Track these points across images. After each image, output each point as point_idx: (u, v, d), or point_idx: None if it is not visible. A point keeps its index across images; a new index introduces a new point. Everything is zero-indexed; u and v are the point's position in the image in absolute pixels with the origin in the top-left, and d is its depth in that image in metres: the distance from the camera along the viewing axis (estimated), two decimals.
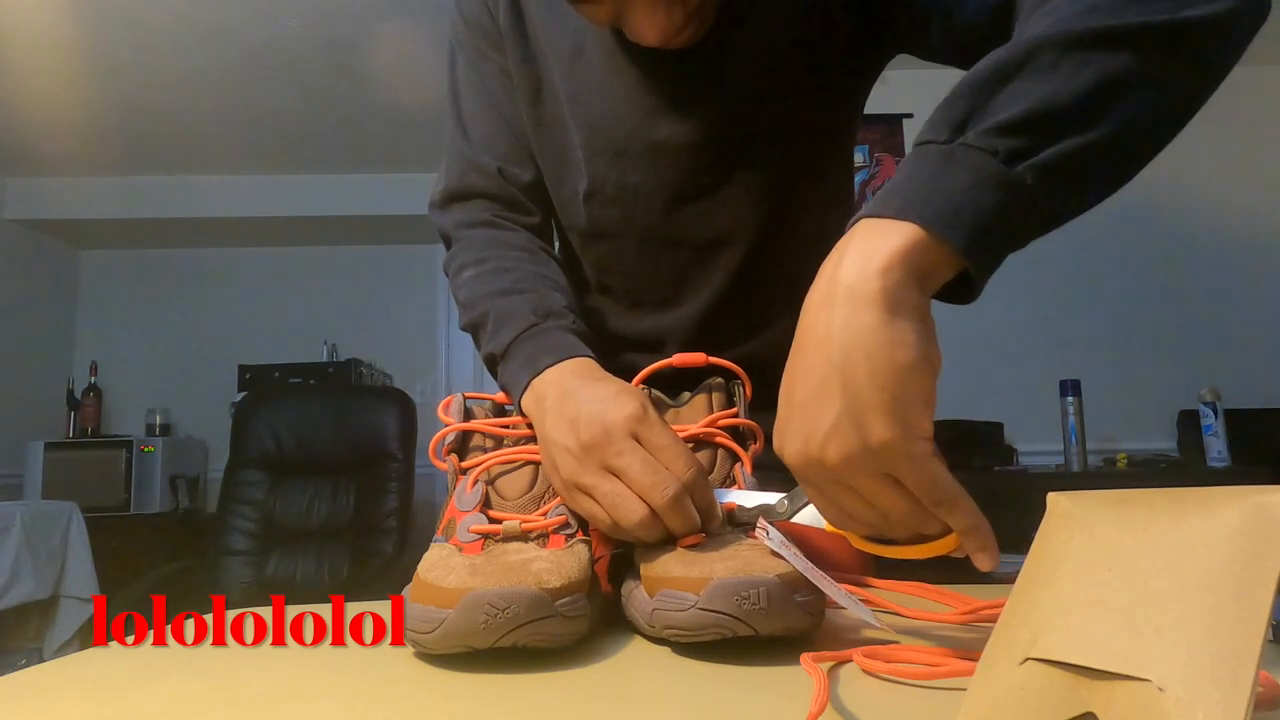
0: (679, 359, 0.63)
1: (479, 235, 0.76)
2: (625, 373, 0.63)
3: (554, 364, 0.61)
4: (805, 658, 0.39)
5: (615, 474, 0.52)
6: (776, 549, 0.48)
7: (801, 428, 0.42)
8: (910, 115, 3.07)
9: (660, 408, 0.61)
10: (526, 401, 0.61)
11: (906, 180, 0.43)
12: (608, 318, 0.81)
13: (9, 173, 3.62)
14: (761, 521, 0.52)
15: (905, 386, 0.40)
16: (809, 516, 0.51)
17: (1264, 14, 0.46)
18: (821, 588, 0.46)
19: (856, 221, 0.44)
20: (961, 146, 0.42)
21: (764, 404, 0.65)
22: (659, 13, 0.60)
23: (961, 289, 0.44)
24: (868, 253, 0.41)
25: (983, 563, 0.43)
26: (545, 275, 0.72)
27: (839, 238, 0.80)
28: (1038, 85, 0.42)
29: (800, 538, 0.52)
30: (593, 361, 0.62)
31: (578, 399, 0.56)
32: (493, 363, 0.67)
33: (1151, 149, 0.45)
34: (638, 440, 0.52)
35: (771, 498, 0.54)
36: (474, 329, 0.70)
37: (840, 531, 0.48)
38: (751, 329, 0.76)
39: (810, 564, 0.47)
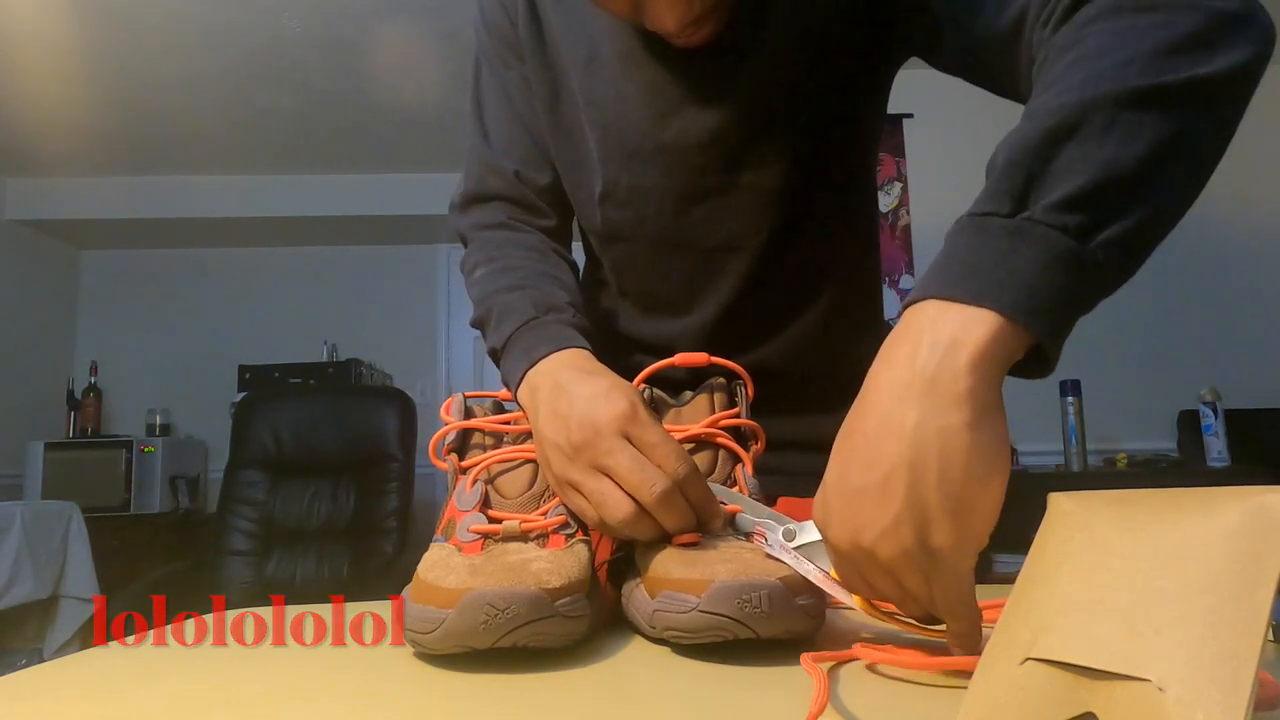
0: (680, 359, 0.63)
1: (492, 236, 0.78)
2: (635, 373, 0.63)
3: (549, 354, 0.61)
4: (805, 658, 0.39)
5: (605, 473, 0.52)
6: (775, 554, 0.48)
7: (855, 517, 0.41)
8: (910, 115, 3.07)
9: (661, 407, 0.61)
10: (522, 393, 0.62)
11: (974, 258, 0.41)
12: (625, 320, 0.82)
13: (9, 173, 3.63)
14: (760, 527, 0.52)
15: (975, 497, 0.39)
16: (814, 553, 0.51)
17: (1274, 47, 0.46)
18: (824, 588, 0.46)
19: (920, 299, 0.42)
20: (1028, 222, 0.40)
21: (769, 408, 0.66)
22: None
23: (1029, 363, 0.42)
24: (950, 343, 0.39)
25: (959, 654, 0.43)
26: (551, 274, 0.73)
27: (857, 246, 0.79)
28: (1097, 150, 0.41)
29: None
30: (588, 353, 0.63)
31: (570, 395, 0.56)
32: (496, 357, 0.68)
33: (1194, 199, 0.45)
34: (629, 439, 0.53)
35: (777, 519, 0.53)
36: (481, 325, 0.71)
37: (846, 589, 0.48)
38: (760, 337, 0.77)
39: (811, 566, 0.47)
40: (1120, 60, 0.43)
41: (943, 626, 0.44)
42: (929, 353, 0.40)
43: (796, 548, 0.51)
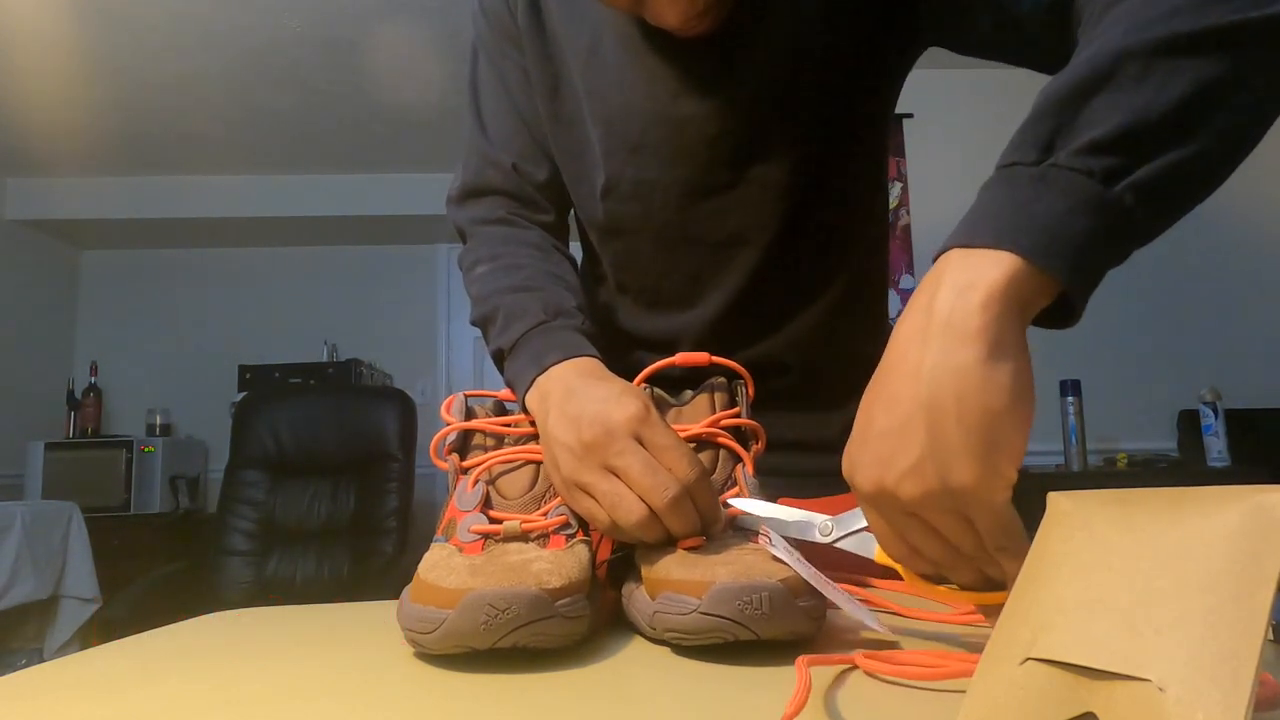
0: (682, 358, 0.63)
1: (493, 232, 0.77)
2: (635, 371, 0.62)
3: (560, 361, 0.61)
4: (800, 661, 0.39)
5: (616, 474, 0.52)
6: (780, 555, 0.48)
7: (879, 459, 0.41)
8: (910, 115, 3.07)
9: (662, 407, 0.61)
10: (531, 398, 0.61)
11: (997, 206, 0.41)
12: (624, 316, 0.81)
13: (9, 173, 3.63)
14: (764, 526, 0.52)
15: (995, 432, 0.38)
16: (854, 544, 0.51)
17: None
18: (824, 592, 0.46)
19: (945, 250, 0.42)
20: (1053, 168, 0.40)
21: (771, 405, 0.66)
22: None
23: (1058, 312, 0.41)
24: (965, 285, 0.39)
25: None
26: (556, 274, 0.72)
27: (865, 244, 0.78)
28: (1127, 98, 0.40)
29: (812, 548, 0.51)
30: (598, 361, 0.62)
31: (581, 398, 0.55)
32: (500, 358, 0.67)
33: (1246, 152, 0.43)
34: (640, 441, 0.52)
35: (810, 518, 0.53)
36: (484, 324, 0.70)
37: (894, 565, 0.47)
38: (765, 331, 0.76)
39: (813, 569, 0.47)
40: (1166, 10, 0.41)
41: (999, 593, 0.43)
42: (945, 295, 0.40)
43: (836, 540, 0.51)
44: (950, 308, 0.39)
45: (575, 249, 0.80)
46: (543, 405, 0.59)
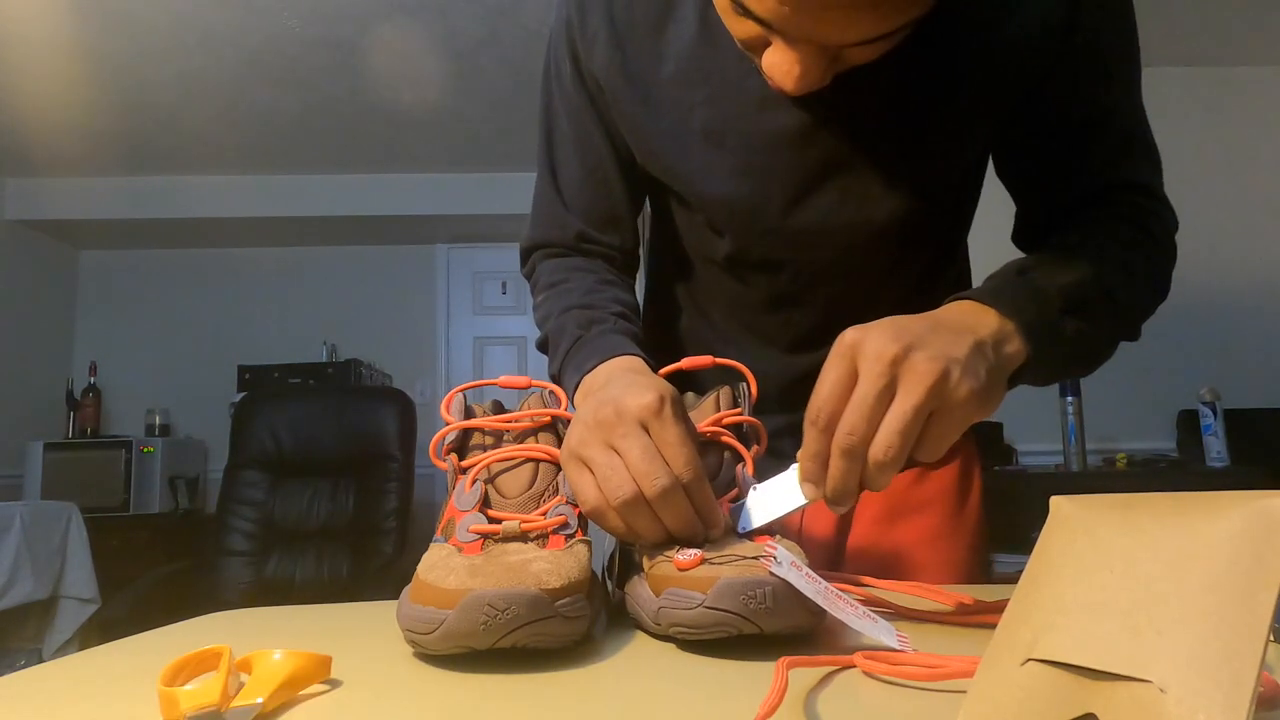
0: (686, 362, 0.65)
1: (557, 263, 0.80)
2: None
3: (598, 364, 0.65)
4: (781, 662, 0.37)
5: (618, 453, 0.53)
6: (782, 573, 0.46)
7: (928, 338, 0.52)
8: None
9: None
10: (577, 399, 0.65)
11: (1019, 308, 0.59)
12: (690, 325, 0.85)
13: (9, 173, 3.63)
14: (767, 549, 0.51)
15: (984, 402, 0.53)
16: (783, 499, 0.54)
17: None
18: (832, 612, 0.45)
19: (995, 302, 0.58)
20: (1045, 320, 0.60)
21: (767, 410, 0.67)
22: (810, 63, 0.54)
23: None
24: (1000, 340, 0.57)
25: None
26: (603, 281, 0.76)
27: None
28: (1084, 321, 0.62)
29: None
30: (636, 358, 0.65)
31: (612, 385, 0.58)
32: (557, 382, 0.71)
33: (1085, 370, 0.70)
34: (648, 430, 0.53)
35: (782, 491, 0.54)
36: (542, 350, 0.75)
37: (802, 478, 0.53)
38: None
39: (822, 585, 0.46)
40: (1128, 283, 0.68)
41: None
42: (988, 343, 0.55)
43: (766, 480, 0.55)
44: (995, 356, 0.55)
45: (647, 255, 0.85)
46: (584, 399, 0.62)
